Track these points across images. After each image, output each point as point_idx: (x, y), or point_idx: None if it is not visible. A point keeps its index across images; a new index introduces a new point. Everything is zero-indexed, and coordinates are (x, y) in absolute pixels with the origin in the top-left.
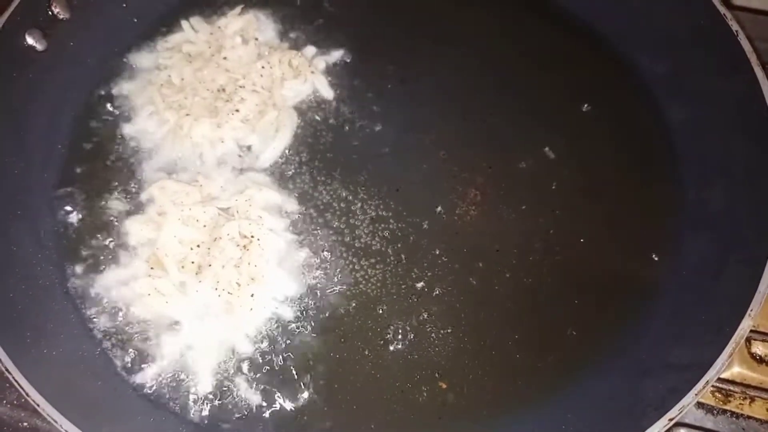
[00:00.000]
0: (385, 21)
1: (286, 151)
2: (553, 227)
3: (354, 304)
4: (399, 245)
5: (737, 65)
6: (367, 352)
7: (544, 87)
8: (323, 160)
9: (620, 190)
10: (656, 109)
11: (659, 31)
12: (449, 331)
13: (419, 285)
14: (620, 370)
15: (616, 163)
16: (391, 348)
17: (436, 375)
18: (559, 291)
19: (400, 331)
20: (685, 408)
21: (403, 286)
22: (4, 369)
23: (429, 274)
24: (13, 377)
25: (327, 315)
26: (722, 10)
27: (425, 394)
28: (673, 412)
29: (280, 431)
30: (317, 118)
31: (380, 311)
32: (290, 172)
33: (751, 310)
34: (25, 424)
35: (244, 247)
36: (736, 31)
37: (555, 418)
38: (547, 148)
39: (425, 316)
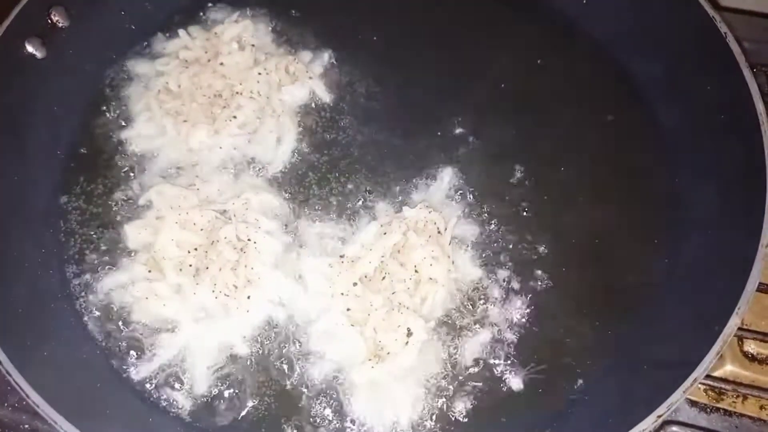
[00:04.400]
0: (383, 24)
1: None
2: (546, 229)
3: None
4: None
5: (726, 67)
6: None
7: (536, 89)
8: (320, 163)
9: (612, 192)
10: (648, 111)
11: (649, 34)
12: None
13: None
14: (610, 368)
15: (608, 164)
16: None
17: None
18: (550, 292)
19: None
20: (674, 405)
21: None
22: (5, 372)
23: None
24: (14, 380)
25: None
26: (711, 12)
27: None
28: (661, 409)
29: (276, 430)
30: (314, 122)
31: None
32: (287, 175)
33: (739, 308)
34: (26, 426)
35: (241, 250)
36: (725, 33)
37: (546, 415)
38: (541, 150)
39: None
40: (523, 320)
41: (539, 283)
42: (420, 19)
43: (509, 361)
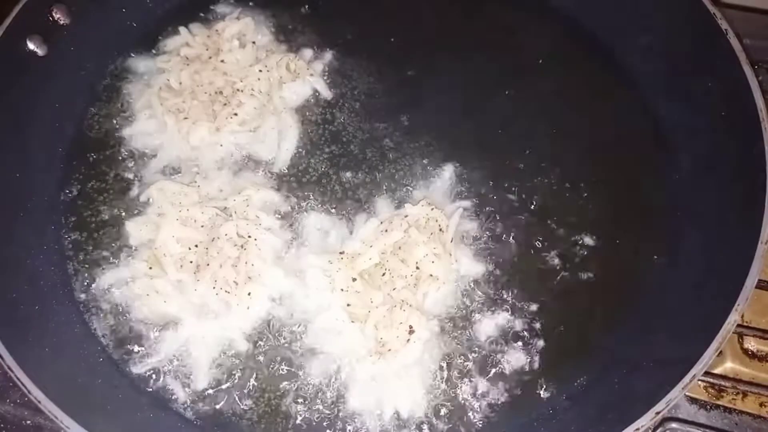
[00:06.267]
0: (384, 22)
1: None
2: (548, 227)
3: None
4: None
5: (727, 64)
6: None
7: (537, 88)
8: (321, 160)
9: (612, 191)
10: (648, 109)
11: (650, 31)
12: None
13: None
14: (610, 364)
15: (608, 162)
16: None
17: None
18: (552, 289)
19: None
20: (672, 401)
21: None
22: (7, 368)
23: None
24: (16, 376)
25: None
26: (712, 9)
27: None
28: (660, 406)
29: (277, 427)
30: (315, 119)
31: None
32: (287, 172)
33: (738, 305)
34: (28, 422)
35: (242, 246)
36: (726, 30)
37: (546, 411)
38: (542, 148)
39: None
40: (525, 317)
41: (541, 280)
42: (421, 18)
43: (509, 358)
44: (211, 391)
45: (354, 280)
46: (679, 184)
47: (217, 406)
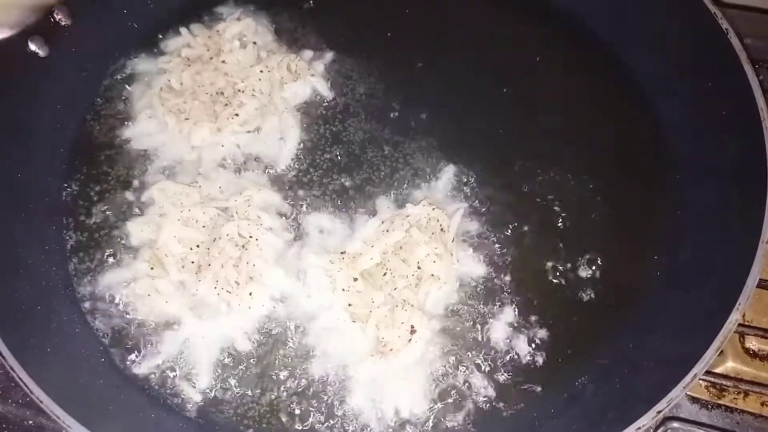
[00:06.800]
0: (384, 22)
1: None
2: (549, 227)
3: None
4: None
5: (728, 64)
6: None
7: (537, 87)
8: (322, 160)
9: (612, 191)
10: (648, 108)
11: (650, 30)
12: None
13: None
14: (611, 363)
15: (609, 164)
16: None
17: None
18: (554, 289)
19: None
20: (674, 401)
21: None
22: (9, 368)
23: None
24: (18, 376)
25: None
26: (713, 8)
27: None
28: (661, 405)
29: (278, 427)
30: (316, 119)
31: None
32: (289, 172)
33: (739, 304)
34: (30, 422)
35: (243, 246)
36: (726, 29)
37: (547, 411)
38: (542, 148)
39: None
40: (526, 317)
41: (542, 279)
42: (421, 17)
43: (510, 357)
44: (212, 391)
45: (355, 279)
46: (679, 184)
47: (219, 406)
